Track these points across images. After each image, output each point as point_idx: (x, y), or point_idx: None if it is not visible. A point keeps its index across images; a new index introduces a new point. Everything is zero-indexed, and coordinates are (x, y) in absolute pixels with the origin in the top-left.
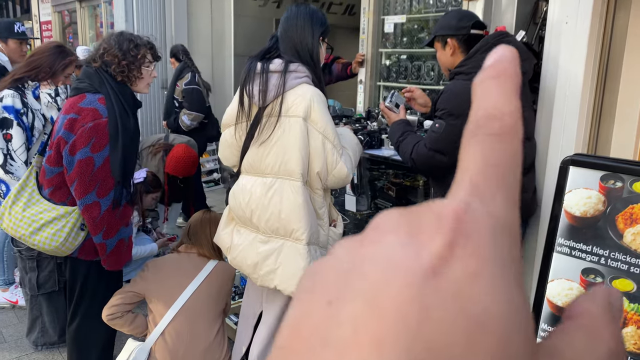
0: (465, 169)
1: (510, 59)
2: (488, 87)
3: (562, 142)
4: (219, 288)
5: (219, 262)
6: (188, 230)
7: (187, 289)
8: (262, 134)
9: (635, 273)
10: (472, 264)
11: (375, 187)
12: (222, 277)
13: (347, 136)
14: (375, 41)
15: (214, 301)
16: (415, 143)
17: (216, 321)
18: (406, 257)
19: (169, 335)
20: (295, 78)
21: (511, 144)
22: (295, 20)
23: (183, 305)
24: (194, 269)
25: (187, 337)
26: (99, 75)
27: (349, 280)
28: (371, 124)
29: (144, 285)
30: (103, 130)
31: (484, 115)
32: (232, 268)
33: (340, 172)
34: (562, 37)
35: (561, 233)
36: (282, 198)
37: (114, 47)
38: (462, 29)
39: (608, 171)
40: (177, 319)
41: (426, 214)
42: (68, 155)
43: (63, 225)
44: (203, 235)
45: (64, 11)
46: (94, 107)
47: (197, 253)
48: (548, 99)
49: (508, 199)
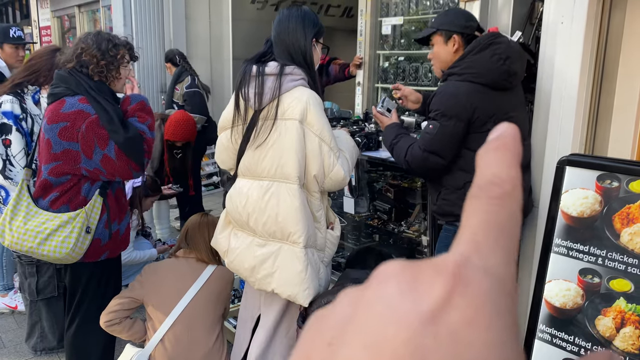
0: (466, 227)
1: (511, 135)
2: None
3: (559, 143)
4: (218, 293)
5: (218, 267)
6: (185, 234)
7: (186, 295)
8: (259, 137)
9: (633, 273)
10: (470, 312)
11: (374, 189)
12: (221, 282)
13: (344, 139)
14: (372, 43)
15: (213, 306)
16: (409, 145)
17: (215, 326)
18: (405, 303)
19: (169, 341)
20: (291, 81)
21: (510, 207)
22: (287, 23)
23: (182, 311)
24: (193, 275)
25: (187, 343)
26: (74, 77)
27: (350, 325)
28: (369, 126)
29: (142, 291)
30: (97, 126)
31: (487, 181)
32: (231, 272)
33: (337, 175)
34: (558, 37)
35: (558, 233)
36: (278, 201)
37: (92, 46)
38: (469, 28)
39: (604, 171)
40: (176, 325)
41: (427, 266)
42: (88, 160)
43: (70, 231)
44: (201, 240)
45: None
46: (78, 109)
47: (196, 258)
48: (544, 100)
49: (505, 256)
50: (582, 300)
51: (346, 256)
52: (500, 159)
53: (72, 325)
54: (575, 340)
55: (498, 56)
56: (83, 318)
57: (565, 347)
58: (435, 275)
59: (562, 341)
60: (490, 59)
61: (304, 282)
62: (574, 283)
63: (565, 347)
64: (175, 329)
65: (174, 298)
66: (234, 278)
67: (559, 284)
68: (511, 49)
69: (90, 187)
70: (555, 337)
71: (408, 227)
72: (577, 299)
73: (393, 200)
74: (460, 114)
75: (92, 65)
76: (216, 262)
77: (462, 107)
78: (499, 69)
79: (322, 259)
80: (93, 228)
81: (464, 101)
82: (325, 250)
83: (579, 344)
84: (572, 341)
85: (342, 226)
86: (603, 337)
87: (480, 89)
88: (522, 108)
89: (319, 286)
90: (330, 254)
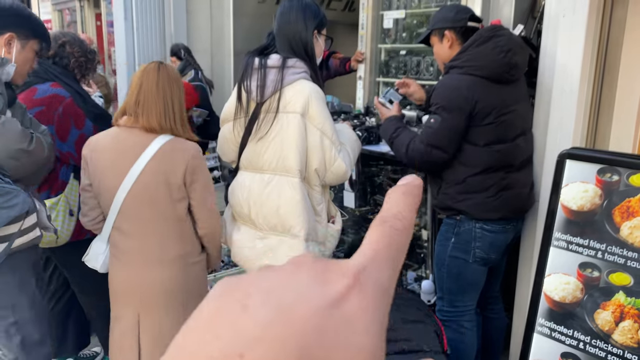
0: (370, 242)
1: (418, 185)
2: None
3: (560, 137)
4: (170, 173)
5: (173, 139)
6: (137, 94)
7: (127, 177)
8: (260, 129)
9: (632, 267)
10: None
11: (374, 183)
12: (174, 158)
13: (346, 132)
14: (374, 37)
15: (165, 191)
16: (410, 139)
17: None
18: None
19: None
20: (293, 74)
21: (404, 239)
22: (288, 15)
23: (125, 198)
24: (135, 150)
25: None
26: (41, 65)
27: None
28: (369, 119)
29: (86, 177)
30: (74, 107)
31: (392, 215)
32: (195, 147)
33: (338, 169)
34: (560, 30)
35: (558, 227)
36: (279, 194)
37: (75, 42)
38: (460, 21)
39: (604, 164)
40: (121, 215)
41: (335, 266)
42: (61, 143)
43: (56, 216)
44: (160, 101)
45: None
46: (53, 93)
47: (143, 127)
48: (545, 93)
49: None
50: (581, 294)
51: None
52: (405, 201)
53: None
54: (574, 334)
55: (500, 49)
56: (79, 290)
57: (564, 341)
58: (340, 274)
59: (561, 335)
60: (492, 52)
61: None
62: (574, 277)
63: (564, 341)
64: (120, 219)
65: (114, 182)
66: (199, 155)
67: (558, 277)
68: (513, 41)
69: (66, 171)
70: (555, 331)
71: None
72: (577, 293)
73: None
74: (462, 107)
75: (73, 59)
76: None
77: (463, 100)
78: (501, 62)
79: (322, 253)
80: (75, 210)
81: (465, 94)
82: (326, 243)
83: (578, 338)
84: (571, 335)
85: (343, 220)
86: (602, 330)
87: (482, 82)
88: (525, 101)
89: None
90: (331, 247)
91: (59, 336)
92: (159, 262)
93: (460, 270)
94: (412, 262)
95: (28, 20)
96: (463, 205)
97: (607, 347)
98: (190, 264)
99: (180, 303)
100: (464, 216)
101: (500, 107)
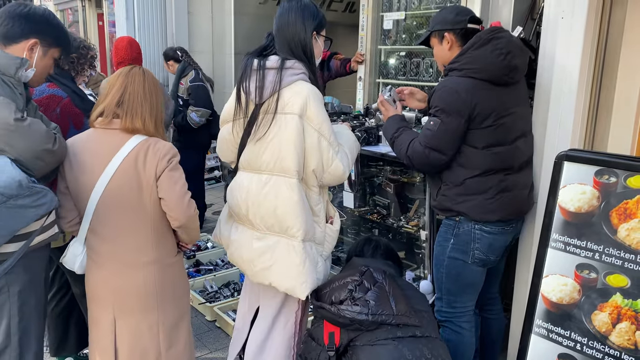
0: None
1: None
2: None
3: (558, 138)
4: (142, 171)
5: (147, 138)
6: (120, 96)
7: (101, 178)
8: (259, 130)
9: (630, 268)
10: None
11: (374, 183)
12: (148, 155)
13: (345, 133)
14: (374, 38)
15: (137, 192)
16: (410, 140)
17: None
18: None
19: (94, 236)
20: (291, 75)
21: None
22: (287, 17)
23: (99, 200)
24: (110, 150)
25: (113, 235)
26: None
27: None
28: (369, 120)
29: (62, 178)
30: (72, 107)
31: None
32: (166, 146)
33: (336, 170)
34: (558, 32)
35: (556, 228)
36: (277, 195)
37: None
38: (459, 23)
39: (602, 166)
40: (96, 217)
41: None
42: None
43: None
44: (146, 103)
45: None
46: (50, 93)
47: (120, 127)
48: (544, 95)
49: None
50: (578, 296)
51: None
52: None
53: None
54: (572, 336)
55: (499, 51)
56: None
57: (561, 342)
58: None
59: (558, 336)
60: (491, 54)
61: (301, 275)
62: (571, 278)
63: (561, 342)
64: (95, 221)
65: (89, 183)
66: (173, 152)
67: (556, 279)
68: (512, 43)
69: None
70: (552, 332)
71: (407, 221)
72: (574, 294)
73: (393, 195)
74: (461, 110)
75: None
76: (155, 135)
77: (462, 103)
78: (500, 64)
79: (320, 253)
80: None
81: (464, 97)
82: (324, 244)
83: (575, 339)
84: (568, 336)
85: (342, 220)
86: (599, 332)
87: (481, 85)
88: (525, 104)
89: (316, 279)
90: (330, 247)
91: (60, 336)
92: (133, 265)
93: (459, 271)
94: (411, 262)
95: (55, 29)
96: (462, 207)
97: (604, 348)
98: (165, 266)
99: (156, 305)
100: (463, 217)
101: (500, 109)
